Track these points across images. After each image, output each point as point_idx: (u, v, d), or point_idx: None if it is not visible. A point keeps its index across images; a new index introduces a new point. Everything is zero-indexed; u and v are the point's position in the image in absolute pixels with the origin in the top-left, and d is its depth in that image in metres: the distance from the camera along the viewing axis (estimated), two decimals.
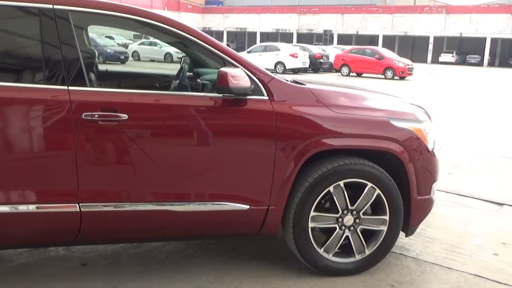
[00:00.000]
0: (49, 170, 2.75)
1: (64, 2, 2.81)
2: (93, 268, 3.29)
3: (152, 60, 29.26)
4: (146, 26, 3.11)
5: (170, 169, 2.92)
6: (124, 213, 2.86)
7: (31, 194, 2.74)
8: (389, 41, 57.08)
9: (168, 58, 28.97)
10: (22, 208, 2.71)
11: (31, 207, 2.72)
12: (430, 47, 57.15)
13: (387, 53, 27.96)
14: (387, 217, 3.23)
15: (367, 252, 3.27)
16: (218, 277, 3.21)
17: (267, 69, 3.25)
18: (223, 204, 2.98)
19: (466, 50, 58.16)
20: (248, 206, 3.00)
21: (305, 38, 56.26)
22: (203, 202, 2.96)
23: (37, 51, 2.87)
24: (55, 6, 2.78)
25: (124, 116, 2.77)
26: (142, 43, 31.39)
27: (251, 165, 3.00)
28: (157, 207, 2.90)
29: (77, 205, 2.77)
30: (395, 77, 26.14)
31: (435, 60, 55.84)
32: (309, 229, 3.12)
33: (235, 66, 2.97)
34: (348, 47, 32.35)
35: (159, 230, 3.05)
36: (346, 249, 3.26)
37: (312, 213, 3.11)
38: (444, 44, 59.57)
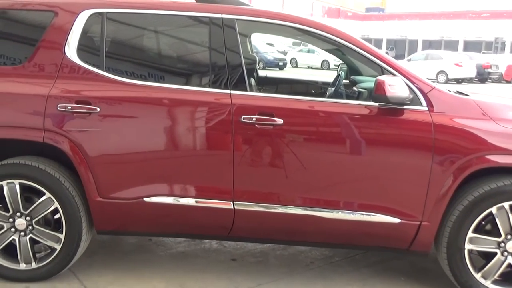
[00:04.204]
0: (208, 167, 2.95)
1: (231, 11, 3.02)
2: (242, 264, 3.44)
3: (309, 67, 29.80)
4: (305, 33, 3.19)
5: (321, 175, 2.94)
6: (275, 214, 2.95)
7: (191, 188, 2.97)
8: None
9: (324, 65, 29.30)
10: (183, 201, 2.95)
11: (191, 201, 2.95)
12: None
13: None
14: None
15: None
16: None
17: (428, 78, 3.11)
18: (373, 215, 2.91)
19: None
20: (399, 220, 2.90)
21: (472, 46, 52.31)
22: (352, 211, 2.93)
23: (205, 57, 3.12)
24: (224, 15, 2.99)
25: (280, 121, 2.86)
26: (300, 50, 32.15)
27: (404, 177, 2.89)
28: (306, 211, 2.93)
29: (232, 203, 2.93)
30: None
31: None
32: (465, 251, 2.90)
33: (394, 75, 2.90)
34: None
35: (306, 234, 3.08)
36: (508, 278, 2.96)
37: (469, 234, 2.89)
38: None
